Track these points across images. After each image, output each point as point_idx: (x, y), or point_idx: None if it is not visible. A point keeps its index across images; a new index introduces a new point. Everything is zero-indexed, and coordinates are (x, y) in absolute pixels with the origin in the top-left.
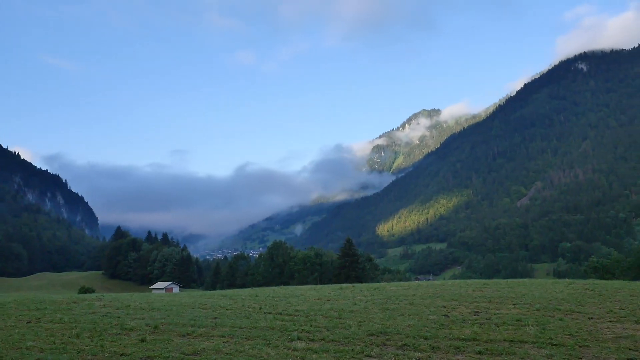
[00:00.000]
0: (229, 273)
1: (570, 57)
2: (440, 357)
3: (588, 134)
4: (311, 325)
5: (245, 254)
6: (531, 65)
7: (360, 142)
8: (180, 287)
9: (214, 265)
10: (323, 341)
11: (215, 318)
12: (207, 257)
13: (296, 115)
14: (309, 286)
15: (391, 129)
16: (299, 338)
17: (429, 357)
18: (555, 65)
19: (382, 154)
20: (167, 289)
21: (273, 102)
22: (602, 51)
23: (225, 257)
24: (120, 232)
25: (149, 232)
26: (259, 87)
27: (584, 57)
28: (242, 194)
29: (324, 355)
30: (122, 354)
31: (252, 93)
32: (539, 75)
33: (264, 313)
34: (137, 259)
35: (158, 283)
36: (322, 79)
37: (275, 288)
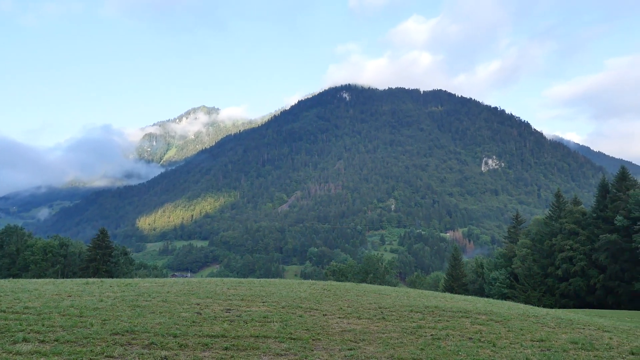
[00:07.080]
0: None
1: (337, 85)
2: (187, 354)
3: (342, 155)
4: (43, 325)
5: None
6: (306, 85)
7: (133, 127)
8: None
9: None
10: (56, 342)
11: None
12: None
13: (57, 83)
14: (47, 280)
15: (167, 119)
16: (25, 340)
17: (176, 354)
18: (325, 90)
19: (154, 143)
20: None
21: (29, 62)
22: (362, 86)
23: None
24: None
25: None
26: (13, 40)
27: (347, 87)
28: None
29: (55, 358)
30: None
31: (4, 46)
32: (311, 96)
33: None
34: None
35: None
36: (96, 50)
37: (2, 281)
